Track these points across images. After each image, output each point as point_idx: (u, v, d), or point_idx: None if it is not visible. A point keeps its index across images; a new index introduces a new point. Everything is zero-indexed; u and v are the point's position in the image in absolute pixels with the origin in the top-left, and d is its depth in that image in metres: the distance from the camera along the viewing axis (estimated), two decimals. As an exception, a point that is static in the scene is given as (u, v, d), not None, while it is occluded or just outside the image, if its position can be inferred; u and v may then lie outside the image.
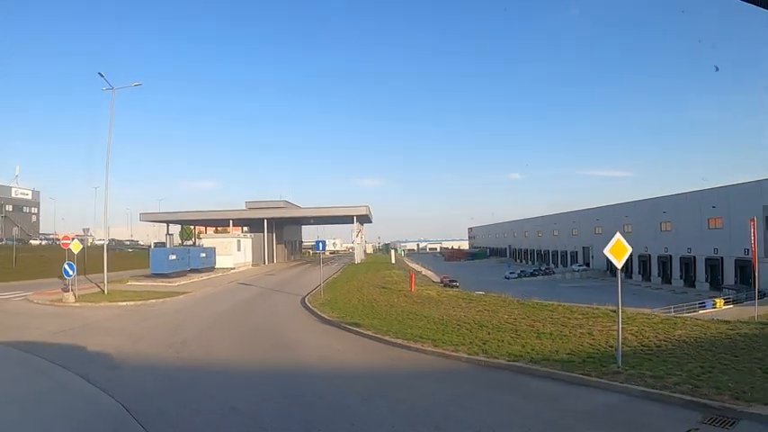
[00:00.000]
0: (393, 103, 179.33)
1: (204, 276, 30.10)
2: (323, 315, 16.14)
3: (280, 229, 50.66)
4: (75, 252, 21.03)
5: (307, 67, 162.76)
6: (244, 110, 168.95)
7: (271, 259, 46.36)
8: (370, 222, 58.59)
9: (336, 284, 27.42)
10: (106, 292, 22.07)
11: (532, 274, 62.40)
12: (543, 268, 67.91)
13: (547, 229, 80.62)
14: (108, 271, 35.46)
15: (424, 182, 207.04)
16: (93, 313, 17.91)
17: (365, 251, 69.79)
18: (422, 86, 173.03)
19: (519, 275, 61.42)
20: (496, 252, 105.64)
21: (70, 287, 20.38)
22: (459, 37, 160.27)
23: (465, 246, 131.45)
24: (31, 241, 61.85)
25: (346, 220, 54.82)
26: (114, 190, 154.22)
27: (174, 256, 27.23)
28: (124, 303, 19.75)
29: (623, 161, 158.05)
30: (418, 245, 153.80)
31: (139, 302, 19.93)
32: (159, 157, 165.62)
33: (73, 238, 24.27)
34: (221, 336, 13.33)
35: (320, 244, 22.92)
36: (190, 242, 57.18)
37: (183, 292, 22.72)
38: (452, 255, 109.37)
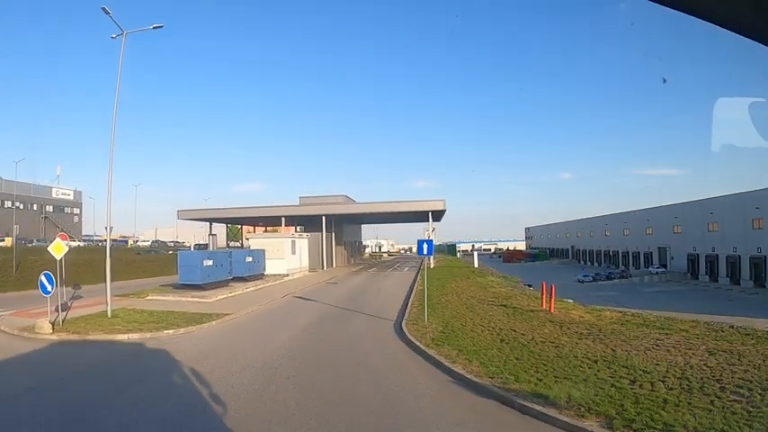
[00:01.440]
0: (442, 105, 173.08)
1: (250, 287, 22.68)
2: (454, 369, 8.96)
3: (339, 228, 43.11)
4: (58, 256, 13.95)
5: (364, 70, 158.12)
6: (292, 109, 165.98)
7: (329, 263, 38.79)
8: (438, 221, 49.74)
9: (431, 300, 19.17)
10: (110, 313, 14.92)
11: (608, 278, 57.02)
12: (619, 271, 62.49)
13: (616, 228, 74.33)
14: (134, 278, 29.36)
15: (475, 181, 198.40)
16: (61, 359, 10.66)
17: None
18: (470, 84, 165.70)
19: (594, 279, 56.05)
20: (557, 253, 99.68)
21: (49, 308, 13.31)
22: (506, 33, 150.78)
23: (521, 246, 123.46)
24: (70, 243, 58.05)
25: (418, 217, 46.64)
26: (160, 192, 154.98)
27: (209, 262, 19.93)
28: (125, 337, 12.44)
29: (674, 159, 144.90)
30: (473, 245, 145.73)
31: (149, 334, 12.60)
32: (207, 158, 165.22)
33: (67, 238, 17.64)
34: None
35: (425, 245, 14.76)
36: (237, 243, 50.90)
37: (219, 314, 15.19)
38: (511, 256, 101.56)
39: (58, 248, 13.77)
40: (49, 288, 12.97)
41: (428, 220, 53.62)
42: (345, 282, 28.94)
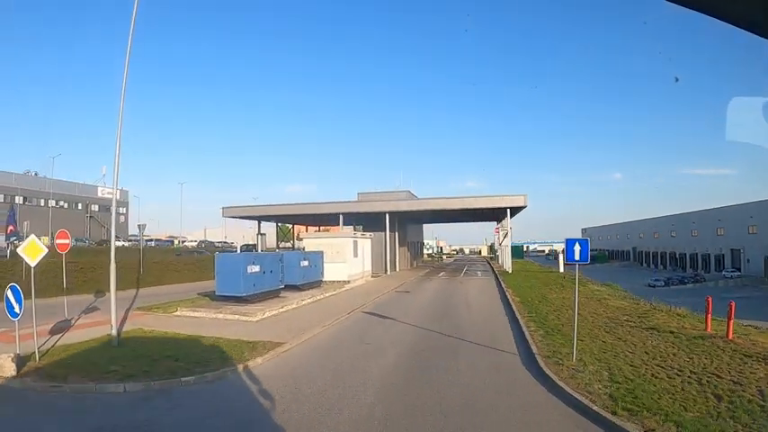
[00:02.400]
0: (484, 106, 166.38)
1: (306, 298, 17.82)
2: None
3: (402, 228, 37.90)
4: (33, 262, 9.41)
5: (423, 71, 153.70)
6: (349, 110, 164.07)
7: (393, 266, 33.63)
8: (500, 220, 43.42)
9: (547, 318, 13.67)
10: (116, 339, 10.44)
11: (681, 282, 53.48)
12: (692, 274, 58.62)
13: (683, 228, 69.40)
14: (169, 282, 25.34)
15: (529, 183, 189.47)
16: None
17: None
18: (523, 85, 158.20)
19: (666, 283, 52.09)
20: (617, 255, 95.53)
21: (18, 336, 8.86)
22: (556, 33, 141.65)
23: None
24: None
25: (487, 215, 40.76)
26: (211, 192, 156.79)
27: (255, 267, 15.19)
28: (119, 388, 7.73)
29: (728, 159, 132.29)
30: (527, 246, 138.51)
31: (158, 383, 7.86)
32: (259, 158, 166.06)
33: (68, 236, 13.58)
34: None
35: (577, 248, 9.22)
36: (288, 245, 46.82)
37: (265, 344, 10.28)
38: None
39: (33, 250, 9.28)
40: (17, 308, 8.55)
41: (496, 219, 47.58)
42: (419, 290, 23.62)
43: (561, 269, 35.05)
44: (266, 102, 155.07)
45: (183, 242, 63.49)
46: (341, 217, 31.97)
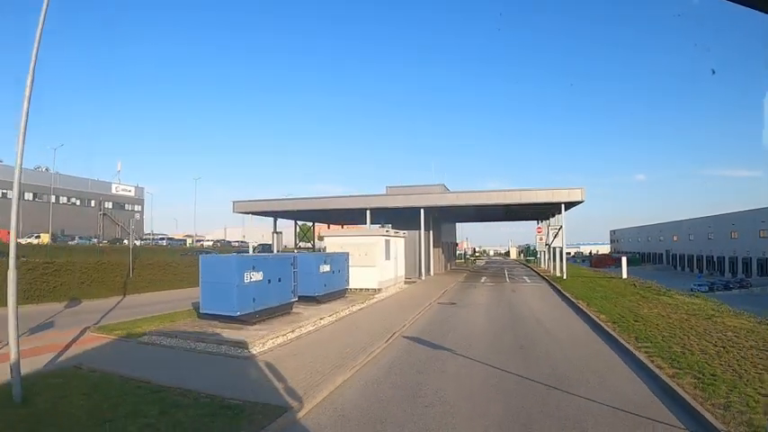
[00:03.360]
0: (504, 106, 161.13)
1: (326, 314, 13.40)
2: None
3: (437, 226, 33.25)
4: None
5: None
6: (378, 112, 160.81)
7: (427, 270, 29.07)
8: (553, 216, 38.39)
9: (660, 346, 9.00)
10: (18, 393, 6.26)
11: (726, 287, 50.02)
12: (738, 279, 54.84)
13: (721, 230, 65.71)
14: (165, 288, 21.13)
15: (551, 182, 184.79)
16: None
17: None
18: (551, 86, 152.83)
19: (710, 288, 47.84)
20: (648, 258, 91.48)
21: None
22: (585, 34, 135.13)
23: (603, 250, 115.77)
24: (124, 241, 54.29)
25: (537, 212, 35.84)
26: (233, 191, 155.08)
27: (256, 275, 10.84)
28: None
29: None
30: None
31: None
32: (279, 156, 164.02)
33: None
34: None
35: None
36: (309, 245, 42.71)
37: (261, 409, 5.93)
38: (600, 261, 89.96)
39: None
40: None
41: (537, 219, 42.34)
42: (467, 301, 18.98)
43: (624, 274, 29.88)
44: (294, 100, 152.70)
45: (198, 242, 60.67)
46: (368, 213, 27.51)
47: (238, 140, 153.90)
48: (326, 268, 15.59)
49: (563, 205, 27.74)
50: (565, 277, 28.45)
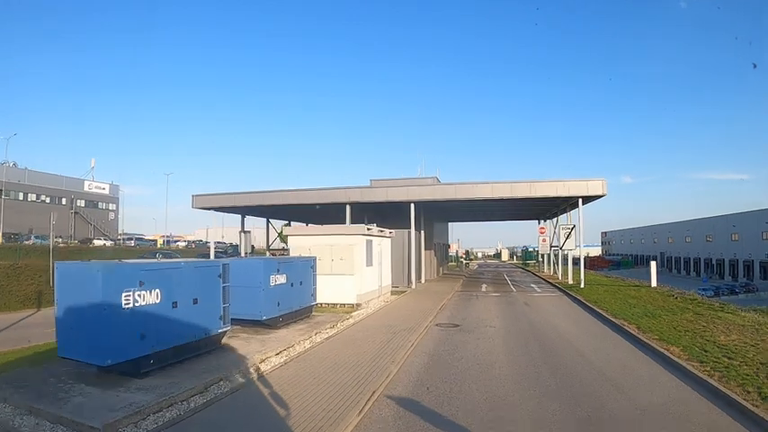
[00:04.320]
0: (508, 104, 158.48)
1: (273, 353, 8.98)
2: None
3: (429, 225, 28.90)
4: None
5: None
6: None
7: (418, 276, 24.74)
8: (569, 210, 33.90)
9: None
10: None
11: (732, 292, 49.20)
12: (743, 283, 53.65)
13: (721, 232, 63.79)
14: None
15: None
16: None
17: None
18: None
19: (716, 293, 46.63)
20: (642, 260, 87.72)
21: None
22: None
23: (594, 252, 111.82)
24: (94, 241, 49.78)
25: (546, 209, 31.79)
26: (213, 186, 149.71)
27: (151, 296, 6.32)
28: None
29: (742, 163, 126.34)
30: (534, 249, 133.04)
31: None
32: (271, 162, 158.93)
33: None
34: None
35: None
36: (288, 247, 37.90)
37: None
38: (592, 263, 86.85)
39: None
40: None
41: (538, 218, 38.24)
42: (473, 322, 14.53)
43: (653, 282, 25.46)
44: (279, 101, 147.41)
45: (173, 242, 56.81)
46: (347, 208, 23.02)
47: (228, 142, 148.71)
48: (281, 279, 11.16)
49: (580, 200, 23.59)
50: (582, 285, 24.32)
